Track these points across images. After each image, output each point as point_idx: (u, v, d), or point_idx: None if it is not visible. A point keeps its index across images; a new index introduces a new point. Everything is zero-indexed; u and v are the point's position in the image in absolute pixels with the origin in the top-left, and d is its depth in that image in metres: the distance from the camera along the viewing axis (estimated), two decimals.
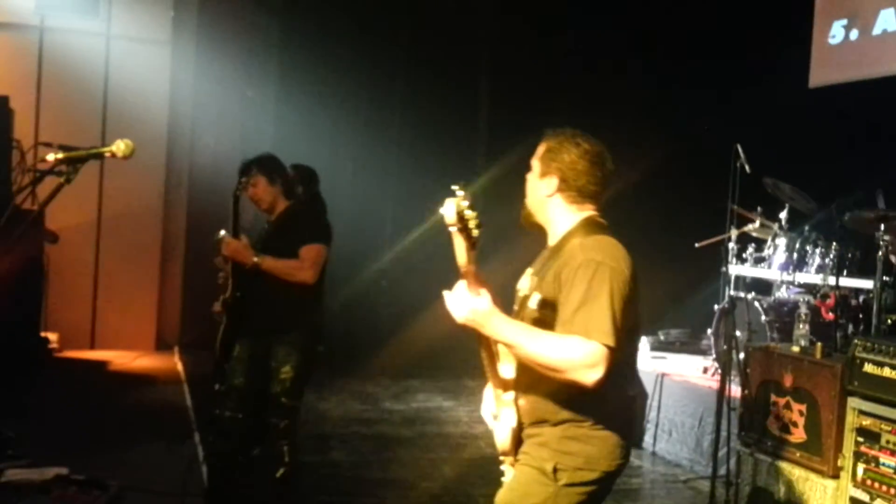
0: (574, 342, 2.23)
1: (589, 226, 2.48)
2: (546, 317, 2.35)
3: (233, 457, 4.02)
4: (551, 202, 2.51)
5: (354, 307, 8.64)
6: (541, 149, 2.53)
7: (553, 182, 2.49)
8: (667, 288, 7.35)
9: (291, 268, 3.91)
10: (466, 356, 7.79)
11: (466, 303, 2.22)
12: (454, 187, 2.08)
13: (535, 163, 2.53)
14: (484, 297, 2.23)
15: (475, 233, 2.10)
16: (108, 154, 2.57)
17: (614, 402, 2.46)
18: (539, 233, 2.62)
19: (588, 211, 2.52)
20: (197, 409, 5.98)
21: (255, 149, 4.51)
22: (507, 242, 2.24)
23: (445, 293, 2.28)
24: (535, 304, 2.40)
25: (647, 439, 6.02)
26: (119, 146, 2.58)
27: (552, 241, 2.55)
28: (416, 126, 9.04)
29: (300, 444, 4.07)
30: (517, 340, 2.26)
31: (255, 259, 3.87)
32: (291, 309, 3.94)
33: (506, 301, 2.42)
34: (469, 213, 2.09)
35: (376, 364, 8.20)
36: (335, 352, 4.53)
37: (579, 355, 2.21)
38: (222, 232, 4.02)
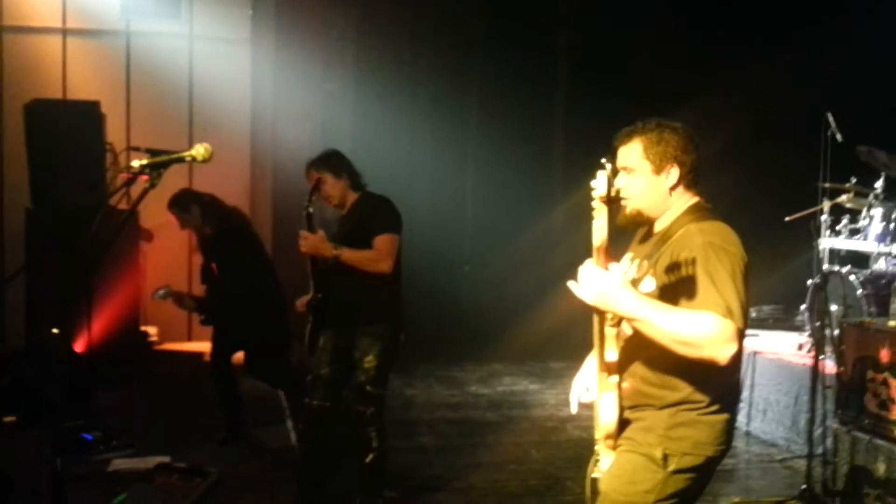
0: (708, 317, 2.19)
1: (700, 210, 2.47)
2: (663, 300, 2.31)
3: (322, 443, 4.12)
4: (674, 194, 2.48)
5: (438, 293, 8.69)
6: (638, 146, 2.45)
7: (675, 173, 2.46)
8: (757, 263, 7.11)
9: (370, 259, 3.94)
10: (550, 339, 7.83)
11: (598, 280, 2.18)
12: (602, 160, 2.06)
13: (641, 162, 2.45)
14: (616, 273, 2.19)
15: (617, 206, 2.11)
16: (188, 158, 2.64)
17: (724, 387, 2.43)
18: (637, 229, 2.60)
19: (695, 196, 2.51)
20: (289, 397, 6.15)
21: (334, 141, 4.58)
22: (587, 223, 2.19)
23: (571, 283, 2.24)
24: (651, 287, 2.37)
25: (741, 419, 5.88)
26: (199, 150, 2.66)
27: (659, 226, 2.52)
28: (494, 115, 8.99)
29: (388, 430, 4.14)
30: (650, 316, 2.19)
31: (335, 251, 3.91)
32: (372, 301, 3.99)
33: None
34: (615, 187, 2.09)
35: (461, 349, 8.26)
36: (419, 338, 4.57)
37: (715, 330, 2.17)
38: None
